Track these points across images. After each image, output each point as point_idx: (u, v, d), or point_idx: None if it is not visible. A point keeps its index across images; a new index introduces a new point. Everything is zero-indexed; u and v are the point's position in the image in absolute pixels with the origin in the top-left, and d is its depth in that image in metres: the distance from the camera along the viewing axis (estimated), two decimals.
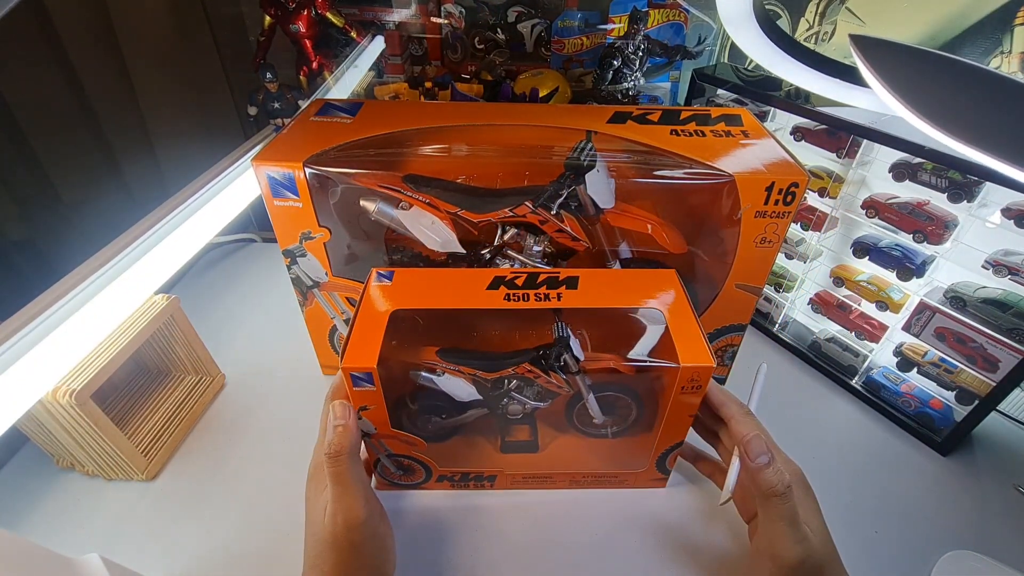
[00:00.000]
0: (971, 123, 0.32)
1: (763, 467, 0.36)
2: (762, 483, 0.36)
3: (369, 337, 0.38)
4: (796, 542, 0.35)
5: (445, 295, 0.42)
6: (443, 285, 0.43)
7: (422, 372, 0.43)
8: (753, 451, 0.37)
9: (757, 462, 0.37)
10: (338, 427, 0.36)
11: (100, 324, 0.45)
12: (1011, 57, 0.57)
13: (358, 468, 0.37)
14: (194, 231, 0.53)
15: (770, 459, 0.37)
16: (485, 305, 0.41)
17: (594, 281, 0.43)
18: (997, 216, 0.48)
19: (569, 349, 0.41)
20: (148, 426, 0.53)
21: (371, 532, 0.36)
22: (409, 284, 0.43)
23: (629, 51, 0.72)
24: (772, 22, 0.60)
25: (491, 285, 0.42)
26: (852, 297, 0.61)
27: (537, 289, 0.42)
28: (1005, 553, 0.45)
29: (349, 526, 0.35)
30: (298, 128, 0.49)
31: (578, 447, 0.50)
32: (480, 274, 0.43)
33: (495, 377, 0.43)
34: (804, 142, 0.60)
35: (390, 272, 0.44)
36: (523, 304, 0.41)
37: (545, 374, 0.42)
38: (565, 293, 0.42)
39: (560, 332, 0.42)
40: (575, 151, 0.46)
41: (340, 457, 0.36)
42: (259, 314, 0.71)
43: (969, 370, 0.52)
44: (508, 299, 0.41)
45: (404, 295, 0.42)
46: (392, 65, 0.84)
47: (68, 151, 0.68)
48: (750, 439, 0.38)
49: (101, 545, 0.46)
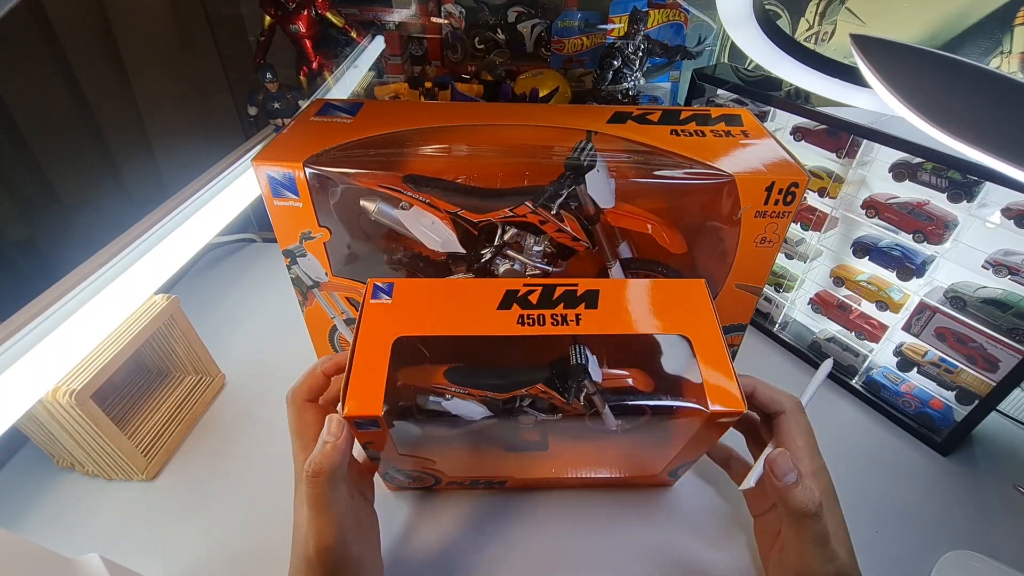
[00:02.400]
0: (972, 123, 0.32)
1: (791, 487, 0.34)
2: (791, 503, 0.34)
3: (371, 376, 0.35)
4: (827, 561, 0.34)
5: (452, 318, 0.38)
6: (449, 303, 0.39)
7: (429, 397, 0.40)
8: (779, 470, 0.35)
9: (784, 481, 0.35)
10: (327, 444, 0.33)
11: (100, 324, 0.45)
12: (1011, 57, 0.57)
13: (337, 492, 0.34)
14: (194, 231, 0.53)
15: (797, 477, 0.35)
16: (497, 331, 0.37)
17: (615, 297, 0.40)
18: (997, 216, 0.48)
19: (588, 375, 0.39)
20: (148, 426, 0.53)
21: (344, 557, 0.34)
22: (411, 301, 0.39)
23: (629, 51, 0.72)
24: (772, 22, 0.60)
25: (503, 304, 0.39)
26: (852, 297, 0.61)
27: (554, 309, 0.38)
28: (1005, 553, 0.45)
29: (320, 551, 0.33)
30: (298, 128, 0.49)
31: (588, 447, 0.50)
32: (490, 288, 0.39)
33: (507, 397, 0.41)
34: (804, 142, 0.60)
35: (389, 285, 0.40)
36: (539, 330, 0.37)
37: (560, 395, 0.40)
38: (584, 314, 0.38)
39: (579, 359, 0.39)
40: (575, 151, 0.46)
41: (318, 479, 0.33)
42: (259, 314, 0.71)
43: (969, 370, 0.52)
44: (522, 322, 0.38)
45: (406, 318, 0.38)
46: (392, 65, 0.84)
47: (68, 151, 0.68)
48: (775, 458, 0.35)
49: (101, 545, 0.46)
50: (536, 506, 0.49)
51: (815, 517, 0.34)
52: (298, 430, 0.37)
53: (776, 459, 0.35)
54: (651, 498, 0.50)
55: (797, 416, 0.38)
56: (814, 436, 0.38)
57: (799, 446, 0.37)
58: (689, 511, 0.49)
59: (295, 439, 0.37)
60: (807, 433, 0.38)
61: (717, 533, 0.47)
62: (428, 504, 0.49)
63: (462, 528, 0.47)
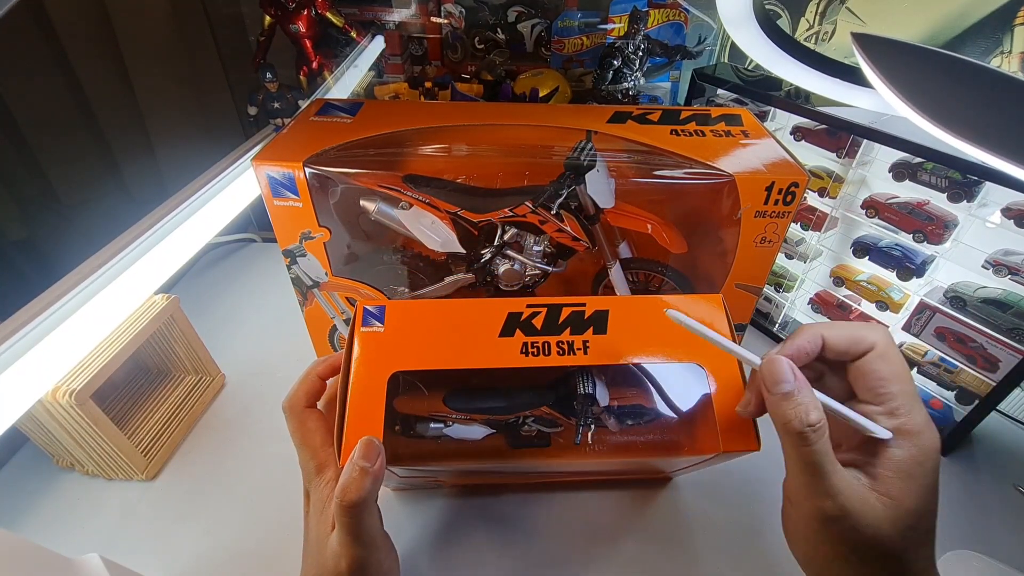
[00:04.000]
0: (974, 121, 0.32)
1: (781, 398, 0.28)
2: (777, 416, 0.29)
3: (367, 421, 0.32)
4: (819, 495, 0.28)
5: (451, 348, 0.35)
6: (446, 330, 0.36)
7: (430, 424, 0.40)
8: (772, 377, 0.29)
9: (776, 390, 0.29)
10: (365, 471, 0.30)
11: (100, 324, 0.45)
12: (1011, 57, 0.57)
13: (372, 518, 0.32)
14: (194, 231, 0.53)
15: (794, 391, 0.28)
16: (500, 364, 0.35)
17: (626, 318, 0.36)
18: (997, 216, 0.48)
19: (596, 403, 0.37)
20: (148, 426, 0.53)
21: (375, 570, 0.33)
22: (405, 329, 0.36)
23: (629, 51, 0.72)
24: (772, 22, 0.60)
25: (505, 330, 0.35)
26: (852, 297, 0.61)
27: (559, 335, 0.35)
28: (1005, 553, 0.45)
29: (353, 570, 0.32)
30: (298, 128, 0.49)
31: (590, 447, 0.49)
32: (490, 311, 0.36)
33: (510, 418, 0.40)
34: (804, 142, 0.60)
35: (380, 309, 0.36)
36: (544, 361, 0.35)
37: (565, 418, 0.39)
38: (592, 340, 0.35)
39: (585, 389, 0.38)
40: (575, 151, 0.46)
41: (355, 509, 0.30)
42: (259, 314, 0.71)
43: (969, 370, 0.52)
44: (526, 352, 0.35)
45: (401, 349, 0.35)
46: (392, 65, 0.84)
47: (68, 151, 0.69)
48: (771, 361, 0.29)
49: (101, 545, 0.46)
50: (537, 505, 0.49)
51: (801, 438, 0.27)
52: (303, 439, 0.35)
53: (772, 364, 0.29)
54: (651, 496, 0.50)
55: (889, 354, 0.29)
56: (912, 381, 0.29)
57: (893, 394, 0.29)
58: (689, 509, 0.49)
59: (301, 448, 0.36)
60: (903, 377, 0.29)
61: (717, 531, 0.47)
62: (429, 504, 0.49)
63: (462, 528, 0.47)
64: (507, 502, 0.49)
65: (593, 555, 0.45)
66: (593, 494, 0.50)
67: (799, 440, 0.28)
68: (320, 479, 0.34)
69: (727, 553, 0.46)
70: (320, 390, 0.38)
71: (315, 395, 0.37)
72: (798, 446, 0.28)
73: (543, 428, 0.42)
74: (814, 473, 0.28)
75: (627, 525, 0.48)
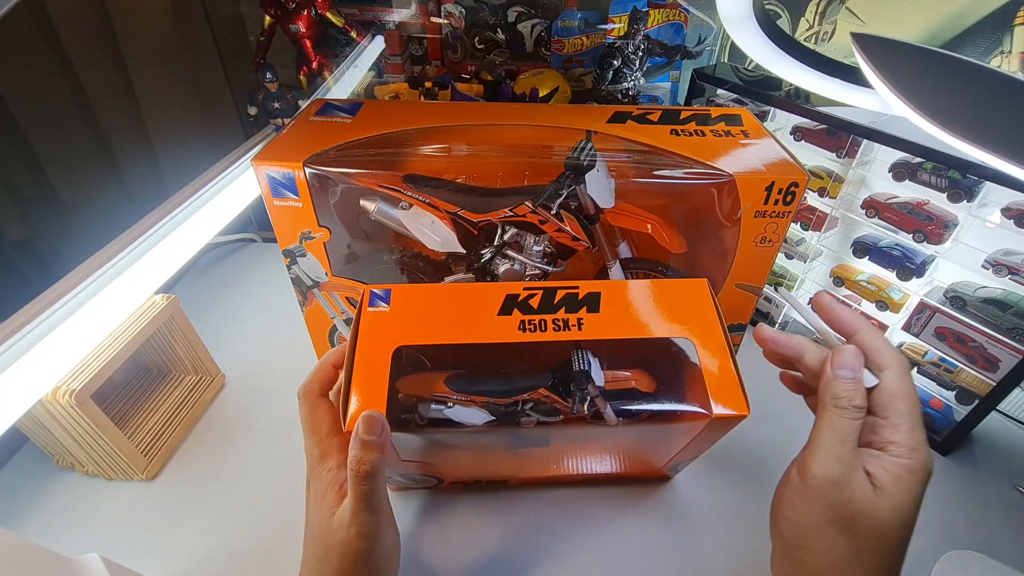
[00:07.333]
0: (974, 121, 0.32)
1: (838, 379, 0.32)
2: (831, 389, 0.32)
3: (372, 388, 0.34)
4: (834, 460, 0.31)
5: (452, 325, 0.37)
6: (448, 309, 0.38)
7: (431, 405, 0.40)
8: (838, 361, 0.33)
9: (838, 373, 0.33)
10: (373, 442, 0.33)
11: (100, 324, 0.45)
12: (1011, 57, 0.57)
13: (383, 489, 0.34)
14: (194, 231, 0.53)
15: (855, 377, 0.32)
16: (498, 339, 0.37)
17: (617, 299, 0.39)
18: (997, 216, 0.48)
19: (591, 380, 0.39)
20: (148, 426, 0.53)
21: (382, 544, 0.35)
22: (409, 309, 0.38)
23: (629, 51, 0.72)
24: (772, 22, 0.60)
25: (503, 309, 0.38)
26: (852, 297, 0.61)
27: (555, 313, 0.38)
28: (1005, 553, 0.45)
29: (362, 536, 0.34)
30: (298, 128, 0.49)
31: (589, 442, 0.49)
32: (489, 293, 0.39)
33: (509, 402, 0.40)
34: (804, 142, 0.60)
35: (386, 292, 0.39)
36: (540, 336, 0.37)
37: (562, 400, 0.40)
38: (586, 318, 0.38)
39: (581, 364, 0.39)
40: (575, 151, 0.46)
41: (368, 478, 0.32)
42: (259, 314, 0.71)
43: (969, 370, 0.52)
44: (523, 329, 0.37)
45: (406, 326, 0.37)
46: (392, 65, 0.84)
47: (68, 151, 0.69)
48: (841, 350, 0.33)
49: (101, 545, 0.45)
50: (537, 504, 0.49)
51: (846, 413, 0.32)
52: (312, 425, 0.37)
53: (846, 351, 0.33)
54: (651, 494, 0.50)
55: (903, 377, 0.33)
56: (919, 404, 0.33)
57: (900, 412, 0.32)
58: (689, 507, 0.49)
59: (309, 434, 0.37)
60: (911, 398, 0.33)
61: (717, 529, 0.47)
62: (430, 504, 0.49)
63: (463, 527, 0.47)
64: (507, 501, 0.49)
65: (593, 554, 0.45)
66: (593, 494, 0.50)
67: (843, 414, 0.32)
68: (322, 467, 0.35)
69: (725, 551, 0.46)
70: (333, 379, 0.39)
71: (328, 384, 0.39)
72: (838, 418, 0.32)
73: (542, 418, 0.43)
74: (842, 440, 0.32)
75: (627, 525, 0.48)
